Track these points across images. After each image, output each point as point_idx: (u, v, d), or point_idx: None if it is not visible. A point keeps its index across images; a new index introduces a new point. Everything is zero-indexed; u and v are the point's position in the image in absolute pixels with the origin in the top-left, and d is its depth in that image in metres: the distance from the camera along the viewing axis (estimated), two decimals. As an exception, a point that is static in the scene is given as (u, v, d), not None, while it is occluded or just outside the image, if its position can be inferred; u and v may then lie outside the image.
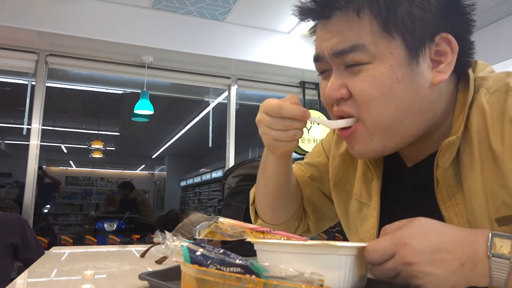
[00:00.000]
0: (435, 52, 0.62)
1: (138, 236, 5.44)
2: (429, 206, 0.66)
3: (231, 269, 0.42)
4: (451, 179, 0.63)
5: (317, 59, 0.69)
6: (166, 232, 0.51)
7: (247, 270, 0.42)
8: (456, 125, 0.63)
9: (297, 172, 0.94)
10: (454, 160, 0.63)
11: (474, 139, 0.62)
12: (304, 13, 0.68)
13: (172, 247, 0.49)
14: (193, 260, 0.44)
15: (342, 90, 0.64)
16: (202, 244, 0.46)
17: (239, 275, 0.40)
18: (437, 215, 0.63)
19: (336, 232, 3.18)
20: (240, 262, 0.42)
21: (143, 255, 1.14)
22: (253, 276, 0.40)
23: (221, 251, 0.45)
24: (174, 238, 0.50)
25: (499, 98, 0.61)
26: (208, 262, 0.43)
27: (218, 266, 0.42)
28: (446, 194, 0.64)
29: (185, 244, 0.46)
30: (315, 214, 0.93)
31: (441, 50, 0.62)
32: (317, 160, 0.94)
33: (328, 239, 2.98)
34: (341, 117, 0.67)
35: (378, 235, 0.74)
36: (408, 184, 0.73)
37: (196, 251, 0.45)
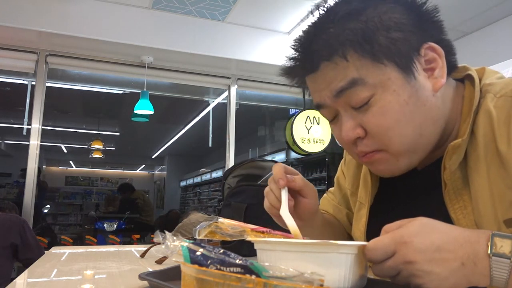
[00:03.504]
0: (425, 62, 0.64)
1: (138, 236, 5.44)
2: (438, 207, 0.67)
3: (231, 269, 0.42)
4: (458, 181, 0.65)
5: (319, 106, 0.70)
6: (166, 232, 0.51)
7: (247, 270, 0.41)
8: (462, 129, 0.65)
9: (328, 205, 0.98)
10: (461, 163, 0.64)
11: (480, 143, 0.63)
12: (290, 73, 0.70)
13: (172, 247, 0.49)
14: (193, 260, 0.44)
15: (357, 129, 0.65)
16: (202, 244, 0.46)
17: (239, 275, 0.40)
18: (445, 217, 0.64)
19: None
20: (240, 262, 0.42)
21: (143, 255, 1.14)
22: (253, 276, 0.40)
23: (221, 251, 0.45)
24: (174, 238, 0.50)
25: (506, 102, 0.62)
26: (208, 262, 0.43)
27: (218, 266, 0.42)
28: (454, 196, 0.65)
29: (185, 244, 0.46)
30: None
31: (429, 59, 0.64)
32: (341, 177, 0.96)
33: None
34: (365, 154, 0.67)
35: (366, 233, 0.78)
36: (417, 187, 0.74)
37: (196, 251, 0.45)
